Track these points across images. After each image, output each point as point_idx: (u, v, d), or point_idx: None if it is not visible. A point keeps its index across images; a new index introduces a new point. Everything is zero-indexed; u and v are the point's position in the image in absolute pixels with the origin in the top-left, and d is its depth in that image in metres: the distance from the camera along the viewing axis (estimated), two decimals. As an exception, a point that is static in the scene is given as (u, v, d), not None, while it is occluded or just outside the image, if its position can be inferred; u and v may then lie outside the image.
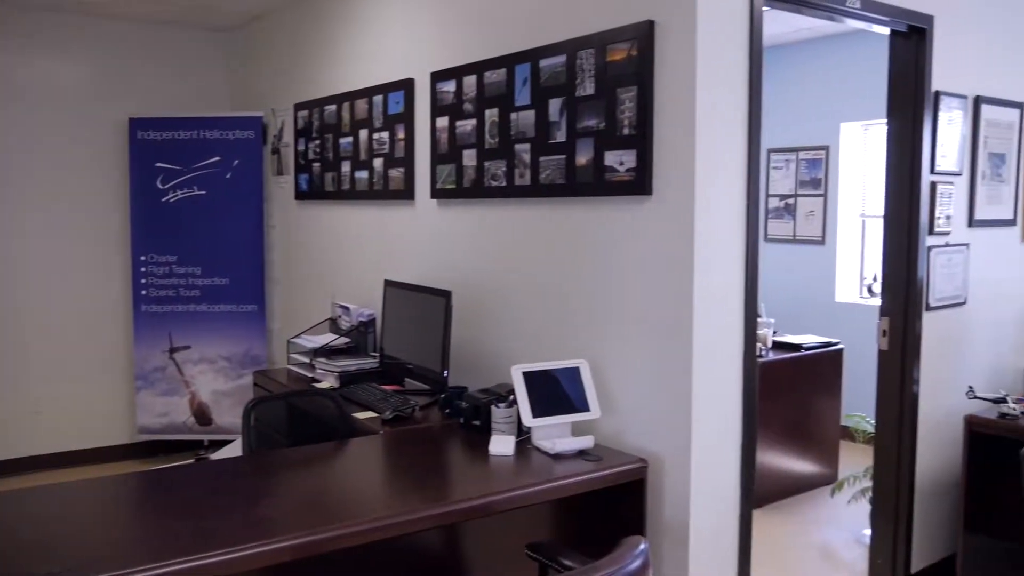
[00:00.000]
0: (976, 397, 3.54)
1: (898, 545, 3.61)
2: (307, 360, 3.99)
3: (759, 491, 4.78)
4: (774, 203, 6.58)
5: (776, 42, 6.38)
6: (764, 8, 2.92)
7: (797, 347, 4.99)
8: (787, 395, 4.86)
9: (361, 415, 3.26)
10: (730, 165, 2.74)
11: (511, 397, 2.92)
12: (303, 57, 5.02)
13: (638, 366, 2.87)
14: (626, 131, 2.81)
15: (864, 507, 4.28)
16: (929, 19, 3.42)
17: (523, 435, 2.90)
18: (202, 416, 5.55)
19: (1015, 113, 3.92)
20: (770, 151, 6.59)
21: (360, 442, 2.94)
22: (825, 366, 5.08)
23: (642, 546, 2.06)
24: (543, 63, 3.14)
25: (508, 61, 3.32)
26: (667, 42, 2.69)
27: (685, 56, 2.64)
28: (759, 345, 4.76)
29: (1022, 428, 3.29)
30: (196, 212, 5.42)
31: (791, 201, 6.46)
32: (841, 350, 5.15)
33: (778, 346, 5.03)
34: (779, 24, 5.68)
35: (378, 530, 2.17)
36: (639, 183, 2.77)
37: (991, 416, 3.41)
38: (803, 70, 6.36)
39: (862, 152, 6.17)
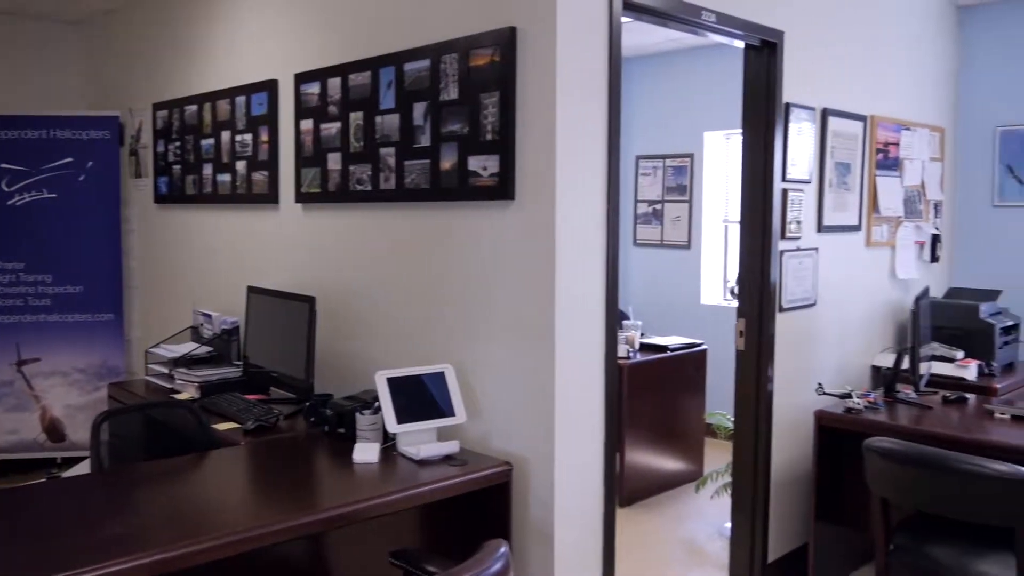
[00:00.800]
0: (825, 393, 3.72)
1: (756, 536, 3.76)
2: (166, 371, 3.84)
3: (628, 489, 4.90)
4: (643, 209, 6.76)
5: (643, 53, 6.56)
6: (623, 19, 3.00)
7: (663, 348, 5.13)
8: (654, 395, 4.99)
9: (222, 426, 3.16)
10: (591, 171, 2.79)
11: (376, 404, 2.90)
12: (162, 54, 4.83)
13: (503, 370, 2.89)
14: (489, 136, 2.83)
15: (726, 501, 4.43)
16: (780, 35, 3.59)
17: (388, 442, 2.88)
18: (54, 432, 5.26)
19: (859, 125, 4.15)
20: (638, 158, 6.76)
21: (220, 454, 2.85)
22: (690, 366, 5.25)
23: (503, 549, 2.07)
24: (407, 67, 3.13)
25: (372, 64, 3.29)
26: (529, 49, 2.73)
27: (546, 63, 2.68)
28: (627, 347, 4.89)
29: (866, 422, 3.48)
30: (46, 216, 5.13)
31: (659, 207, 6.65)
32: (705, 351, 5.33)
33: (645, 348, 5.16)
34: (646, 35, 5.84)
35: (239, 543, 2.11)
36: (502, 188, 2.80)
37: (838, 411, 3.59)
38: (669, 80, 6.56)
39: (724, 160, 6.42)
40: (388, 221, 3.31)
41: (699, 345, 5.31)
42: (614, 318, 2.91)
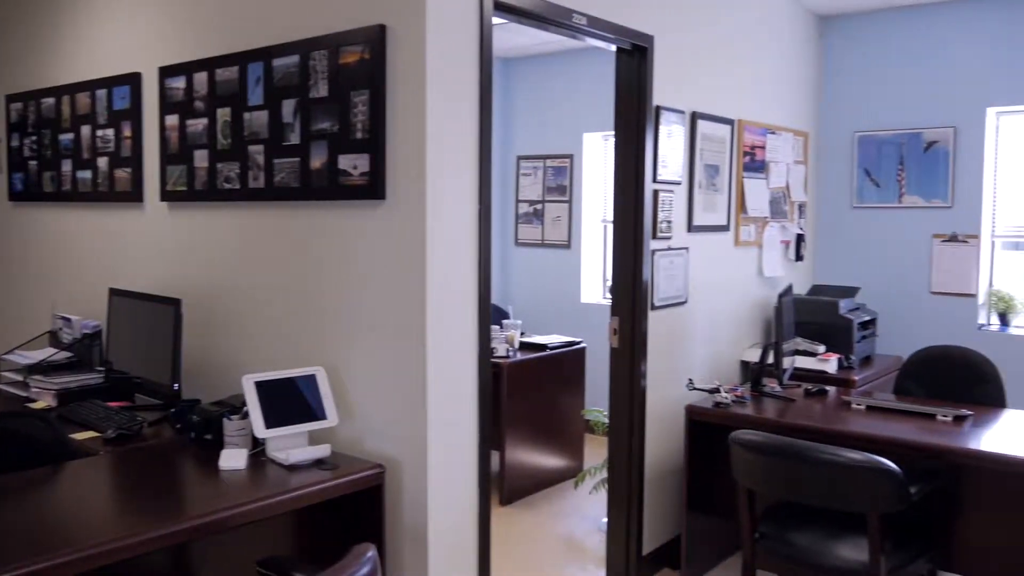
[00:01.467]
0: (695, 388, 3.83)
1: (631, 529, 3.85)
2: (20, 378, 3.64)
3: (509, 488, 4.93)
4: (524, 209, 6.82)
5: (525, 54, 6.61)
6: (496, 19, 3.01)
7: (543, 347, 5.18)
8: (534, 393, 5.04)
9: (81, 436, 3.01)
10: (462, 170, 2.79)
11: (245, 409, 2.82)
12: (17, 43, 4.57)
13: (376, 371, 2.86)
14: (360, 135, 2.79)
15: (604, 496, 4.51)
16: (650, 39, 3.67)
17: (258, 447, 2.81)
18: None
19: (727, 128, 4.30)
20: (519, 158, 6.81)
21: (78, 465, 2.71)
22: (569, 364, 5.32)
23: (370, 553, 2.04)
24: (276, 62, 3.06)
25: (240, 59, 3.20)
26: (398, 47, 2.70)
27: (415, 62, 2.66)
28: (507, 346, 4.92)
29: (733, 415, 3.61)
30: None
31: (539, 207, 6.72)
32: (584, 349, 5.41)
33: (525, 346, 5.20)
34: (526, 36, 5.89)
35: (98, 556, 2.01)
36: (372, 187, 2.76)
37: (707, 405, 3.70)
38: (550, 81, 6.63)
39: (603, 161, 6.53)
40: (257, 221, 3.23)
41: (578, 343, 5.39)
42: (487, 317, 2.92)
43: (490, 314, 2.93)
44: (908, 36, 5.16)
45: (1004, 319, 5.03)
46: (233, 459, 2.69)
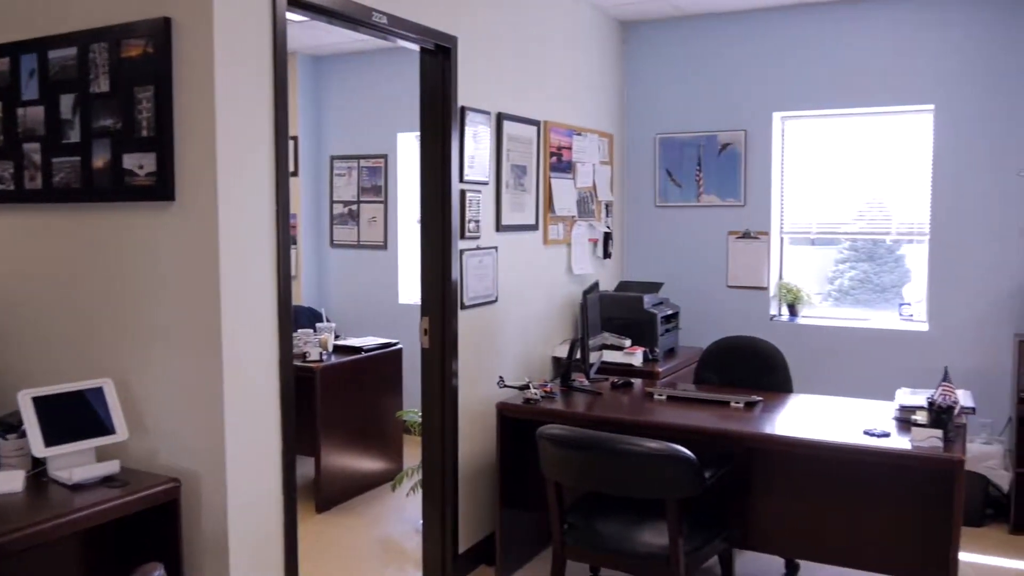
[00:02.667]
0: (506, 386, 3.89)
1: (446, 529, 3.85)
2: None
3: (325, 494, 4.82)
4: (339, 209, 6.70)
5: (337, 52, 6.49)
6: (294, 16, 2.93)
7: (358, 349, 5.11)
8: (350, 397, 4.96)
9: None
10: (257, 170, 2.70)
11: (23, 427, 2.61)
12: None
13: (170, 381, 2.72)
14: (145, 133, 2.64)
15: (421, 497, 4.50)
16: (453, 40, 3.69)
17: (39, 467, 2.61)
18: None
19: (533, 130, 4.39)
20: (333, 158, 6.69)
21: None
22: (386, 366, 5.27)
23: (157, 572, 1.95)
24: (52, 54, 2.85)
25: (12, 49, 2.96)
26: (185, 41, 2.58)
27: (203, 56, 2.55)
28: (320, 349, 4.81)
29: (542, 410, 3.68)
30: None
31: (355, 207, 6.62)
32: (400, 350, 5.38)
33: (340, 349, 5.11)
34: (337, 35, 5.77)
35: None
36: (160, 188, 2.63)
37: (518, 402, 3.77)
38: (363, 80, 6.54)
39: (418, 161, 6.50)
40: (35, 224, 3.00)
41: (395, 345, 5.35)
42: (289, 321, 2.84)
43: (291, 318, 2.85)
44: (703, 43, 5.45)
45: (793, 310, 5.41)
46: (8, 482, 2.49)
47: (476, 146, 3.87)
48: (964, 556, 4.15)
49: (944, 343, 4.91)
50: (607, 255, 5.32)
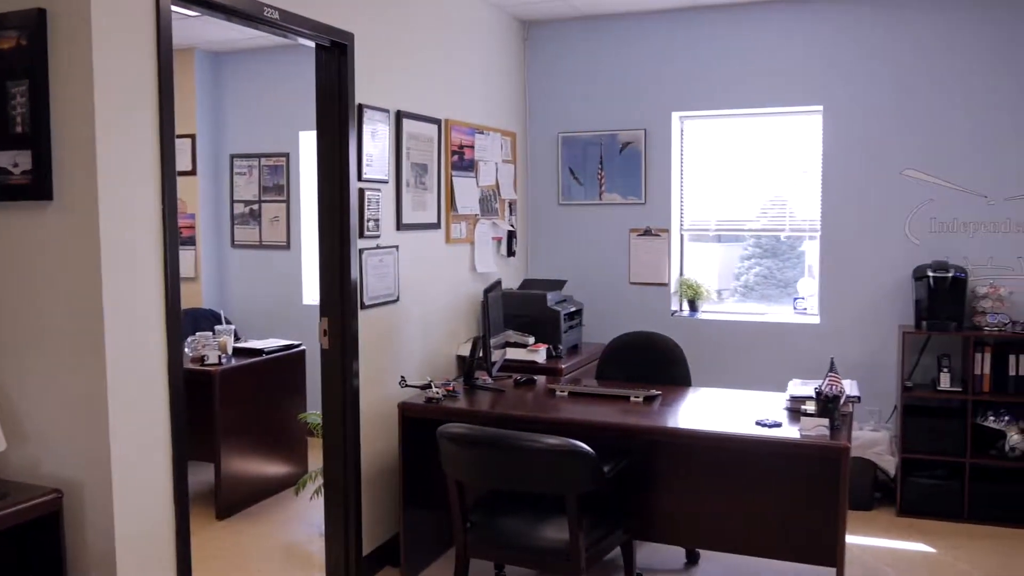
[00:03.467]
0: (408, 385, 3.86)
1: (349, 531, 3.81)
2: None
3: (226, 500, 4.71)
4: (239, 209, 6.55)
5: (236, 48, 6.34)
6: (184, 11, 2.85)
7: (259, 352, 5.01)
8: (251, 400, 4.85)
9: None
10: (142, 169, 2.61)
11: None
12: None
13: (51, 389, 2.61)
14: (20, 129, 2.53)
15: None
16: (349, 36, 3.64)
17: (-93, 482, 2.47)
18: None
19: (434, 128, 4.37)
20: (233, 157, 6.53)
21: None
22: (289, 368, 5.18)
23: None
24: (-82, 47, 2.70)
25: None
26: (62, 34, 2.48)
27: (81, 50, 2.45)
28: (219, 353, 4.69)
29: (445, 409, 3.67)
30: None
31: (256, 207, 6.49)
32: (303, 351, 5.29)
33: (240, 352, 5.00)
34: (236, 31, 5.64)
35: None
36: (37, 187, 2.52)
37: (420, 402, 3.75)
38: (265, 77, 6.41)
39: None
40: (-97, 225, 2.84)
41: (297, 346, 5.26)
42: (177, 324, 2.76)
43: (180, 320, 2.77)
44: (604, 44, 5.52)
45: (693, 305, 5.53)
46: None
47: (375, 144, 3.83)
48: (854, 539, 4.32)
49: (835, 335, 5.10)
50: (511, 253, 5.34)
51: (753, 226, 5.45)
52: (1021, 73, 4.68)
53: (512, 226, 5.36)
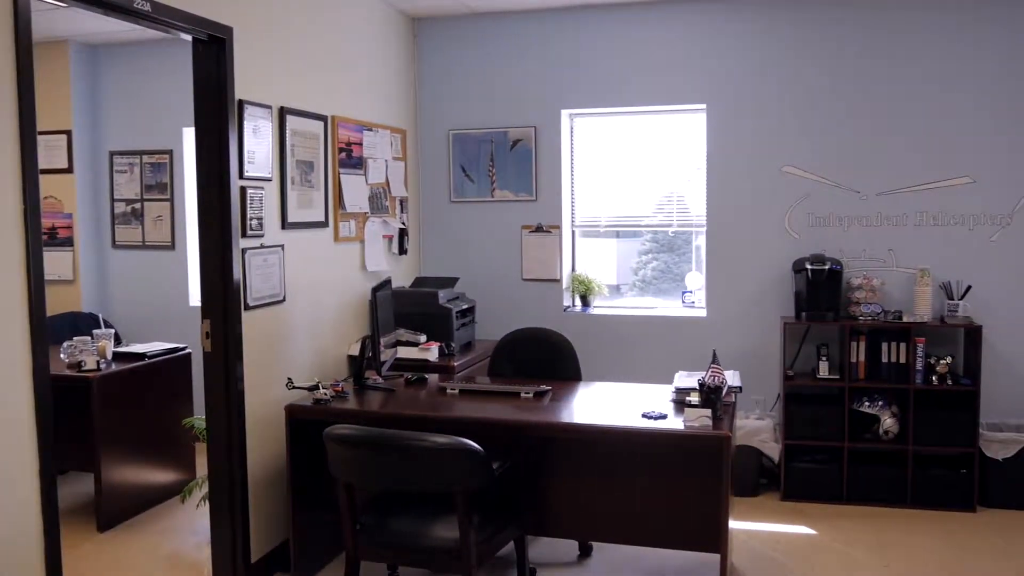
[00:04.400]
0: (295, 387, 3.79)
1: (236, 539, 3.71)
2: None
3: (108, 511, 4.53)
4: (120, 208, 6.29)
5: (115, 40, 6.09)
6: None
7: (142, 356, 4.83)
8: (134, 406, 4.68)
9: None
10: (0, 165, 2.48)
11: None
12: None
13: (-99, 400, 2.45)
14: None
15: (212, 508, 4.31)
16: (228, 30, 3.54)
17: None
18: None
19: (320, 124, 4.29)
20: (112, 154, 6.27)
21: None
22: (174, 372, 5.01)
23: None
24: None
25: None
26: (-94, 23, 2.33)
27: (-72, 41, 2.31)
28: (97, 358, 4.51)
29: (333, 410, 3.61)
30: None
31: (138, 206, 6.25)
32: (189, 354, 5.13)
33: (122, 357, 4.81)
34: (114, 23, 5.40)
35: None
36: None
37: (308, 403, 3.68)
38: (144, 71, 6.17)
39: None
40: None
41: (183, 349, 5.10)
42: (42, 329, 2.62)
43: (46, 325, 2.64)
44: (494, 41, 5.52)
45: (585, 301, 5.60)
46: None
47: (257, 141, 3.74)
48: (741, 524, 4.45)
49: (721, 327, 5.24)
50: (403, 251, 5.30)
51: (648, 222, 5.55)
52: (893, 75, 4.90)
53: (403, 224, 5.32)
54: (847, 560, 4.06)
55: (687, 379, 3.71)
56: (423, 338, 4.67)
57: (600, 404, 3.69)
